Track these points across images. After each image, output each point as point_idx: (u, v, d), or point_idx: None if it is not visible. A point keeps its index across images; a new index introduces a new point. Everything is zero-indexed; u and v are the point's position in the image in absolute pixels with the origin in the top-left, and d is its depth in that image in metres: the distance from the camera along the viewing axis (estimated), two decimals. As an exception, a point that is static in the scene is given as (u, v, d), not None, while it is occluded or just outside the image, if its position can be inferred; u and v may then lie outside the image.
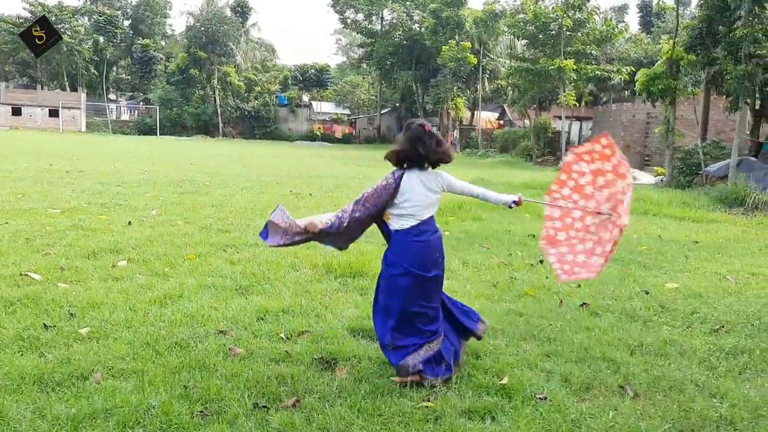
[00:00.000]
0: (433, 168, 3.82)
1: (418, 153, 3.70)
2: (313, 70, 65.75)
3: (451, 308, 4.05)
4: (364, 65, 62.27)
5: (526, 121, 41.49)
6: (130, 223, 8.84)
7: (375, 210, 3.75)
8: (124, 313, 4.77)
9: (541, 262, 7.28)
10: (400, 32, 52.80)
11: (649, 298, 5.94)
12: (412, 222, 3.73)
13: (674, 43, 18.98)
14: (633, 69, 30.43)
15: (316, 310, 5.12)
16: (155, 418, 3.18)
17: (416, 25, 52.97)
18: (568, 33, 30.05)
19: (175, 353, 4.05)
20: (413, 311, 3.73)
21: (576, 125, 38.56)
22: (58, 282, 5.54)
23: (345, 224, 3.73)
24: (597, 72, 30.36)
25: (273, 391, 3.58)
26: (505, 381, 3.81)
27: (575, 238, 4.17)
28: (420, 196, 3.72)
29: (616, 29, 30.05)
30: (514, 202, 3.95)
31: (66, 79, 63.10)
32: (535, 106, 34.68)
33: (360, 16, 55.93)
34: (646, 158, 27.89)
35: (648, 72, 19.64)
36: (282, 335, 4.50)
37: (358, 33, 59.27)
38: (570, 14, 29.37)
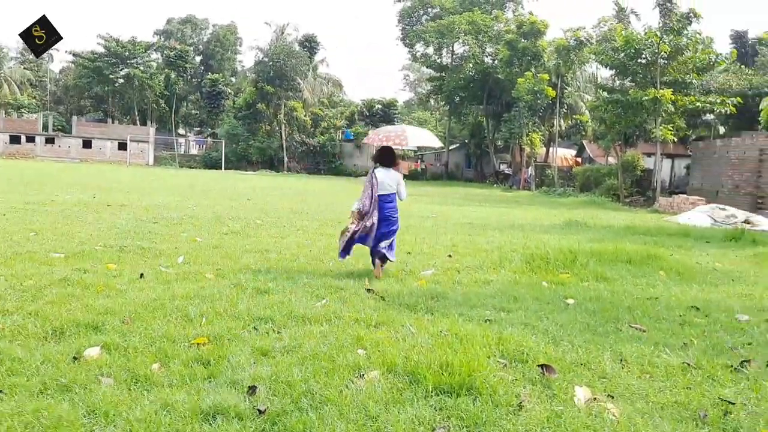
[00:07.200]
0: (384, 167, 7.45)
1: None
2: (379, 106, 64.49)
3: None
4: (432, 101, 60.52)
5: (610, 159, 38.16)
6: (142, 275, 6.65)
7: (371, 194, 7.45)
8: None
9: (748, 362, 4.54)
10: (471, 65, 50.63)
11: None
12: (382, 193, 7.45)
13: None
14: (740, 101, 27.08)
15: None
16: None
17: (488, 57, 50.76)
18: (663, 61, 27.09)
19: None
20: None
21: (667, 162, 35.03)
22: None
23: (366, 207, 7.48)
24: (698, 104, 27.11)
25: None
26: None
27: None
28: (385, 181, 7.40)
29: (720, 56, 26.82)
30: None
31: (137, 113, 64.07)
32: (620, 142, 31.49)
33: (430, 50, 54.31)
34: (759, 200, 24.21)
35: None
36: None
37: (427, 67, 57.70)
38: (667, 39, 26.45)
